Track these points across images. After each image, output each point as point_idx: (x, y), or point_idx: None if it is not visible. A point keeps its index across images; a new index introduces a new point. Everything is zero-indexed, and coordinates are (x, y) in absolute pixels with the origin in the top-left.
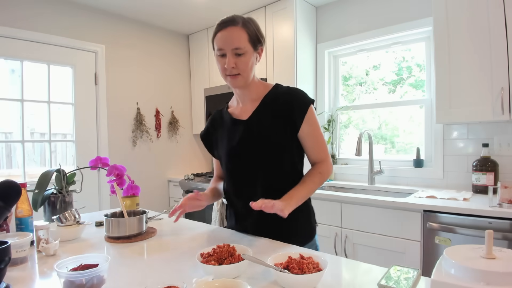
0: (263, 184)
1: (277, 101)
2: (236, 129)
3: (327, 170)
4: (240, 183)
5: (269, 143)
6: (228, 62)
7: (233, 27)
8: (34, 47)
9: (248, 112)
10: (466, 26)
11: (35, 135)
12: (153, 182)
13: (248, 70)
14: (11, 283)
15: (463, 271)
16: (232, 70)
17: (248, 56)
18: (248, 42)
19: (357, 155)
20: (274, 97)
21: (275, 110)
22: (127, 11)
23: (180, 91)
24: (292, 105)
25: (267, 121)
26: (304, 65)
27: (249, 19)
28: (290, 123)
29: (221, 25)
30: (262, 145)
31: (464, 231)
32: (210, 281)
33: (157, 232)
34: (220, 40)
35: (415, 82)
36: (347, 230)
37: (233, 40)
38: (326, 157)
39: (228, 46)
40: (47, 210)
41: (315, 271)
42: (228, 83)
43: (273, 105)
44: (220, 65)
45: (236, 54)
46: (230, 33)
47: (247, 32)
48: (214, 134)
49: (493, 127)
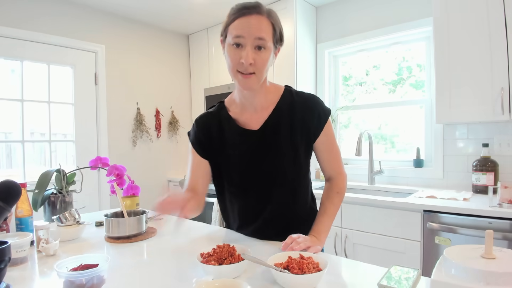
0: (274, 200)
1: (293, 108)
2: (244, 141)
3: (343, 186)
4: (247, 201)
5: (286, 157)
6: (247, 56)
7: (259, 15)
8: (34, 47)
9: (258, 121)
10: (466, 26)
11: (35, 135)
12: (153, 182)
13: (265, 70)
14: (11, 283)
15: (463, 271)
16: (249, 67)
17: (269, 53)
18: (272, 36)
19: (357, 155)
20: (290, 105)
21: (291, 118)
22: (127, 11)
23: (180, 91)
24: (311, 115)
25: (283, 132)
26: (304, 65)
27: (273, 11)
28: (307, 134)
29: (242, 10)
30: (278, 159)
31: (464, 231)
32: (210, 281)
33: (157, 232)
34: (240, 27)
35: (415, 82)
36: (347, 230)
37: (258, 29)
38: (341, 170)
39: (251, 35)
40: (47, 210)
41: (315, 271)
42: (237, 82)
43: (289, 113)
44: (233, 58)
45: (257, 47)
46: (254, 21)
47: (272, 25)
48: (209, 144)
49: (493, 127)
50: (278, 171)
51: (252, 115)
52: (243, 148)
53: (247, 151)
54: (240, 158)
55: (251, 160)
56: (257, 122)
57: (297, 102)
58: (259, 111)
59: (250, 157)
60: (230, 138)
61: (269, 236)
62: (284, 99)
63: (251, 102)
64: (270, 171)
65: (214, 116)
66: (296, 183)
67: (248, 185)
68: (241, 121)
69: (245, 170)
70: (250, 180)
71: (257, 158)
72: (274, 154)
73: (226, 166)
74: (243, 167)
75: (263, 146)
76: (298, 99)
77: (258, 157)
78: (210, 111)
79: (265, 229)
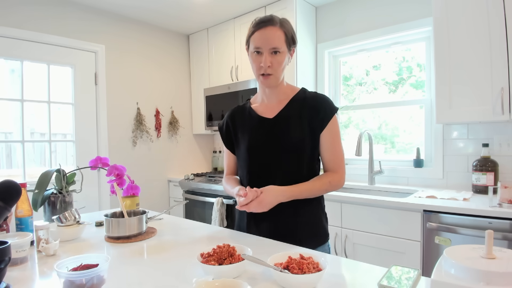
0: (280, 183)
1: (304, 103)
2: (260, 127)
3: (338, 181)
4: (257, 181)
5: (292, 144)
6: (265, 61)
7: (272, 27)
8: (34, 47)
9: (274, 111)
10: (466, 26)
11: (35, 135)
12: (153, 182)
13: (281, 70)
14: (11, 283)
15: (463, 271)
16: (268, 69)
17: (283, 56)
18: (284, 42)
19: (357, 155)
20: (302, 100)
21: (301, 112)
22: (127, 11)
23: (180, 91)
24: (318, 110)
25: (293, 121)
26: (304, 65)
27: (285, 20)
28: (313, 127)
29: (260, 24)
30: (285, 144)
31: (464, 231)
32: (210, 281)
33: (157, 232)
34: (258, 39)
35: (415, 82)
36: (347, 230)
37: (272, 40)
38: (340, 169)
39: (267, 46)
40: (47, 210)
41: (315, 271)
42: (260, 82)
43: (300, 107)
44: (256, 63)
45: (273, 52)
46: (269, 33)
47: (284, 32)
48: (234, 129)
49: (493, 127)
50: (283, 154)
51: (269, 107)
52: (259, 131)
53: (263, 134)
54: (252, 139)
55: (261, 142)
56: (272, 112)
57: (308, 98)
58: (275, 105)
59: (261, 139)
60: (249, 124)
61: (277, 212)
62: (298, 96)
63: (270, 98)
64: (276, 154)
65: (240, 108)
66: (299, 170)
67: (254, 164)
68: (260, 111)
69: (256, 151)
70: (258, 160)
71: (267, 142)
72: (281, 139)
73: (243, 146)
74: (255, 148)
75: (274, 132)
76: (309, 96)
77: (268, 141)
78: (239, 105)
79: (273, 218)
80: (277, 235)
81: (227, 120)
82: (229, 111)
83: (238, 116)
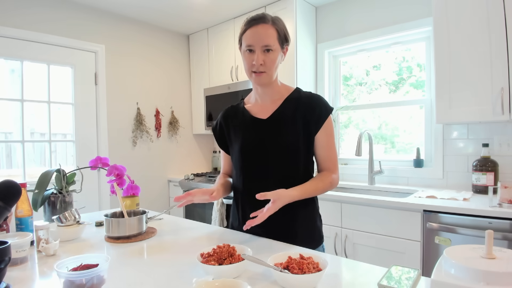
0: (273, 184)
1: (298, 104)
2: (253, 128)
3: (337, 181)
4: (250, 181)
5: (286, 145)
6: (257, 59)
7: (264, 24)
8: (34, 47)
9: (268, 111)
10: (466, 26)
11: (35, 135)
12: (153, 182)
13: (274, 68)
14: (11, 283)
15: (463, 271)
16: (260, 67)
17: (276, 54)
18: (277, 40)
19: (357, 155)
20: (296, 100)
21: (295, 112)
22: (127, 11)
23: (180, 91)
24: (313, 110)
25: (287, 122)
26: (304, 65)
27: (277, 18)
28: (308, 127)
29: (251, 22)
30: (279, 146)
31: (464, 231)
32: (210, 281)
33: (157, 232)
34: (250, 36)
35: (415, 82)
36: (347, 230)
37: (264, 37)
38: (336, 169)
39: (258, 43)
40: (47, 210)
41: (315, 271)
42: (252, 80)
43: (294, 108)
44: (247, 61)
45: (265, 50)
46: (261, 30)
47: (276, 30)
48: (227, 130)
49: (493, 127)
50: (277, 155)
51: (263, 108)
52: (253, 132)
53: (256, 135)
54: (246, 139)
55: (254, 142)
56: (266, 112)
57: (303, 98)
58: (269, 105)
59: (254, 140)
60: (243, 124)
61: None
62: (292, 96)
63: (263, 97)
64: (270, 154)
65: (234, 108)
66: (293, 171)
67: (247, 164)
68: (253, 111)
69: (249, 151)
70: (251, 160)
71: (261, 142)
72: (275, 140)
73: (236, 146)
74: (248, 149)
75: (268, 133)
76: (304, 96)
77: (261, 142)
78: (232, 105)
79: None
80: (270, 235)
81: (220, 121)
82: (222, 111)
83: (232, 117)
